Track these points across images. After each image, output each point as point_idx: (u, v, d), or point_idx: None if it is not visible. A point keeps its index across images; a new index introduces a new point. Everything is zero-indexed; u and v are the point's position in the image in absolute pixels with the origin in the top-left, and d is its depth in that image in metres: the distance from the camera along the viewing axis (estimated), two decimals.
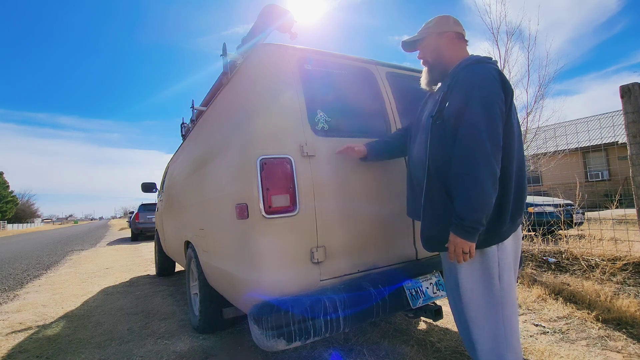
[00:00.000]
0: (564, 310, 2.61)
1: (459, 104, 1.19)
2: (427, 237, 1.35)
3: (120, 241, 13.30)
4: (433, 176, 1.30)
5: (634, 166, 2.66)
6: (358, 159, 1.75)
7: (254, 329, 1.41)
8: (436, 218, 1.29)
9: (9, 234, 29.59)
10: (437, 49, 1.41)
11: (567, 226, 4.43)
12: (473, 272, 1.29)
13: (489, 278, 1.28)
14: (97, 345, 2.55)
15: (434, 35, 1.41)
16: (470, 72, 1.23)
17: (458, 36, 1.41)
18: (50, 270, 6.40)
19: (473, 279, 1.29)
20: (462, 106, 1.18)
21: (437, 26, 1.42)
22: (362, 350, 2.13)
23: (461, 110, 1.18)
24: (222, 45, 2.26)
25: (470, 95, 1.17)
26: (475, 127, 1.14)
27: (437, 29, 1.41)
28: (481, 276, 1.29)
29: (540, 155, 7.35)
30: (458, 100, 1.20)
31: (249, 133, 1.63)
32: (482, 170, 1.12)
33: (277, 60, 1.75)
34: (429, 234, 1.33)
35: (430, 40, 1.42)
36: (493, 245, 1.27)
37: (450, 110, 1.22)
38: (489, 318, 1.29)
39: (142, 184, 5.49)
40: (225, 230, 1.89)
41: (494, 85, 1.19)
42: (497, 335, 1.29)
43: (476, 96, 1.16)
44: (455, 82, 1.25)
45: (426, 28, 1.44)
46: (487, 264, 1.28)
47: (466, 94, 1.18)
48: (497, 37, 7.13)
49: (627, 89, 2.73)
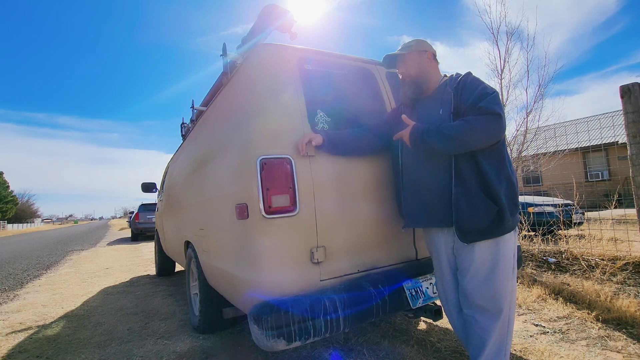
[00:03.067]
0: (564, 310, 2.61)
1: (475, 99, 1.39)
2: (470, 229, 1.40)
3: (120, 241, 13.30)
4: (464, 166, 1.40)
5: (634, 166, 2.66)
6: (357, 158, 1.75)
7: (254, 329, 1.41)
8: (475, 209, 1.37)
9: (9, 234, 29.60)
10: (419, 65, 1.61)
11: (567, 226, 4.43)
12: (509, 257, 1.45)
13: (514, 266, 1.48)
14: (97, 345, 2.55)
15: (416, 53, 1.62)
16: (475, 78, 1.48)
17: (434, 56, 1.65)
18: (50, 270, 6.40)
19: (508, 262, 1.45)
20: (480, 98, 1.38)
21: (418, 46, 1.62)
22: (362, 350, 2.13)
23: (480, 100, 1.37)
24: (222, 45, 2.26)
25: (484, 92, 1.39)
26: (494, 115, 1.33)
27: (418, 48, 1.62)
28: (511, 261, 1.46)
29: (540, 155, 7.35)
30: (475, 95, 1.39)
31: (249, 133, 1.63)
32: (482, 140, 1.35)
33: (277, 60, 1.75)
34: (473, 226, 1.39)
35: (413, 56, 1.62)
36: (513, 230, 1.46)
37: (469, 102, 1.40)
38: (509, 305, 1.46)
39: (142, 184, 5.49)
40: (225, 230, 1.89)
41: None
42: (508, 323, 1.47)
43: (489, 92, 1.39)
44: (465, 83, 1.46)
45: (408, 47, 1.63)
46: (513, 250, 1.47)
47: (481, 91, 1.40)
48: (497, 37, 7.14)
49: (627, 89, 2.73)
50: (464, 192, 1.39)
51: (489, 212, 1.36)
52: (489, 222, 1.36)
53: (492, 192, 1.36)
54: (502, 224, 1.38)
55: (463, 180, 1.40)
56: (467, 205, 1.38)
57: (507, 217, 1.37)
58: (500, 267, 1.43)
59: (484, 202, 1.36)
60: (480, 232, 1.39)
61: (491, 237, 1.41)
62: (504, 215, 1.36)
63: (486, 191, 1.37)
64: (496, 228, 1.39)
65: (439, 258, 1.62)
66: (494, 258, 1.43)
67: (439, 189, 1.47)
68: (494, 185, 1.36)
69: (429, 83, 1.61)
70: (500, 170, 1.41)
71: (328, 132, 1.69)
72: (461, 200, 1.39)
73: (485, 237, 1.40)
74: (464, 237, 1.41)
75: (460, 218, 1.39)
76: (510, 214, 1.39)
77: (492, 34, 7.18)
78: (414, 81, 1.61)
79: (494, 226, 1.38)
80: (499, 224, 1.38)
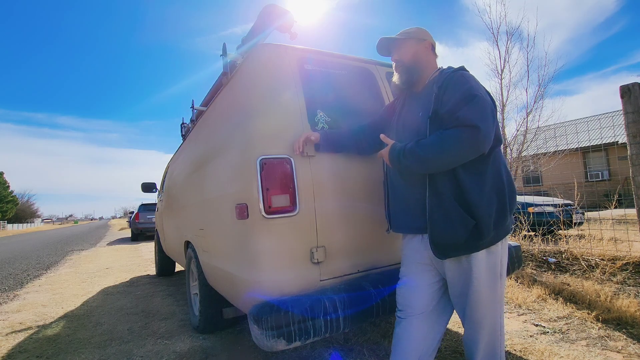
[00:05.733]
0: (564, 310, 2.61)
1: (454, 106, 1.24)
2: (444, 244, 1.29)
3: (120, 241, 13.30)
4: (440, 178, 1.29)
5: (634, 166, 2.66)
6: (357, 158, 1.75)
7: (254, 329, 1.41)
8: (450, 223, 1.25)
9: (9, 234, 29.60)
10: (415, 54, 1.48)
11: (567, 226, 4.43)
12: (486, 273, 1.32)
13: (496, 276, 1.34)
14: (97, 345, 2.55)
15: (413, 41, 1.49)
16: (462, 76, 1.31)
17: (432, 48, 1.53)
18: (50, 270, 6.40)
19: (483, 280, 1.31)
20: (460, 104, 1.23)
21: (417, 34, 1.50)
22: (362, 350, 2.13)
23: (458, 107, 1.22)
24: (222, 45, 2.26)
25: (465, 97, 1.23)
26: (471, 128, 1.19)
27: (417, 36, 1.50)
28: (489, 276, 1.32)
29: (540, 155, 7.36)
30: (455, 99, 1.25)
31: (249, 133, 1.63)
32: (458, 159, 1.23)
33: (277, 60, 1.75)
34: (446, 241, 1.27)
35: (410, 44, 1.49)
36: (501, 240, 1.33)
37: (447, 108, 1.26)
38: (491, 316, 1.35)
39: (142, 184, 5.49)
40: (225, 230, 1.89)
41: (485, 91, 1.30)
42: (495, 332, 1.37)
43: (471, 97, 1.23)
44: (449, 83, 1.30)
45: (406, 33, 1.51)
46: (493, 263, 1.32)
47: (462, 95, 1.24)
48: (497, 37, 7.15)
49: (627, 89, 2.73)
50: (438, 203, 1.28)
51: (465, 226, 1.22)
52: (464, 237, 1.23)
53: (470, 205, 1.23)
54: (480, 239, 1.24)
55: (437, 191, 1.28)
56: (441, 217, 1.26)
57: (487, 232, 1.24)
58: (478, 282, 1.31)
59: (460, 215, 1.23)
60: (455, 247, 1.27)
61: (465, 253, 1.29)
62: (482, 230, 1.23)
63: (463, 203, 1.24)
64: (473, 244, 1.26)
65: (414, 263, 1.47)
66: (467, 275, 1.31)
67: (415, 196, 1.38)
68: (473, 197, 1.23)
69: (421, 75, 1.48)
70: (482, 180, 1.26)
71: (326, 131, 1.69)
72: (435, 213, 1.28)
73: (460, 253, 1.29)
74: (438, 251, 1.29)
75: (434, 231, 1.28)
76: (493, 226, 1.26)
77: (492, 34, 7.20)
78: (406, 70, 1.49)
79: (470, 242, 1.25)
80: (477, 239, 1.24)
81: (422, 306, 1.42)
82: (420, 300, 1.43)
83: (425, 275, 1.43)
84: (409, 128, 1.45)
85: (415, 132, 1.39)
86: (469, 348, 1.42)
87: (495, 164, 1.31)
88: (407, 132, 1.46)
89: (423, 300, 1.43)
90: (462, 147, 1.20)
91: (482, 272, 1.31)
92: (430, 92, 1.37)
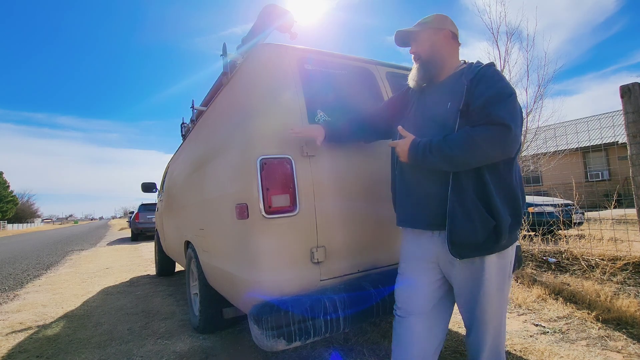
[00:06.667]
0: (564, 310, 2.61)
1: (486, 101, 1.20)
2: (461, 243, 1.25)
3: (120, 241, 13.30)
4: (464, 176, 1.25)
5: (634, 166, 2.66)
6: (357, 158, 1.75)
7: (254, 329, 1.41)
8: (472, 222, 1.21)
9: (9, 234, 29.59)
10: (433, 45, 1.39)
11: (567, 226, 4.43)
12: (496, 275, 1.31)
13: (505, 278, 1.34)
14: (97, 345, 2.55)
15: (431, 31, 1.39)
16: (497, 72, 1.27)
17: (453, 36, 1.41)
18: (50, 270, 6.40)
19: (494, 282, 1.31)
20: (493, 100, 1.19)
21: (434, 22, 1.40)
22: (362, 350, 2.13)
23: (491, 104, 1.18)
24: (222, 45, 2.26)
25: (499, 94, 1.20)
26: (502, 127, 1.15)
27: (434, 25, 1.39)
28: (499, 278, 1.32)
29: (540, 155, 7.36)
30: (488, 95, 1.20)
31: (249, 133, 1.63)
32: (488, 158, 1.18)
33: (277, 60, 1.75)
34: (464, 240, 1.23)
35: (427, 35, 1.39)
36: (512, 244, 1.32)
37: (479, 102, 1.21)
38: (498, 317, 1.35)
39: (142, 184, 5.49)
40: (225, 230, 1.89)
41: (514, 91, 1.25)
42: (499, 332, 1.37)
43: (506, 95, 1.19)
44: (482, 77, 1.25)
45: (423, 23, 1.41)
46: (504, 265, 1.33)
47: (496, 92, 1.20)
48: (497, 37, 7.14)
49: (627, 89, 2.73)
50: (460, 201, 1.24)
51: (486, 226, 1.20)
52: (484, 237, 1.21)
53: (491, 206, 1.21)
54: (498, 241, 1.23)
55: (460, 188, 1.24)
56: (463, 216, 1.22)
57: (504, 235, 1.22)
58: (489, 284, 1.29)
59: (482, 215, 1.21)
60: (473, 247, 1.24)
61: (481, 255, 1.26)
62: (500, 232, 1.21)
63: (485, 204, 1.22)
64: (490, 245, 1.24)
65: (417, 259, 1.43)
66: (478, 277, 1.29)
67: (432, 191, 1.33)
68: (495, 198, 1.21)
69: (441, 67, 1.39)
70: (506, 183, 1.25)
71: (327, 121, 1.67)
72: (456, 210, 1.23)
73: (477, 254, 1.26)
74: (455, 250, 1.25)
75: (453, 229, 1.24)
76: (509, 230, 1.24)
77: (492, 34, 7.18)
78: (423, 64, 1.40)
79: (489, 243, 1.23)
80: (495, 241, 1.23)
81: (423, 305, 1.40)
82: (421, 299, 1.41)
83: (426, 274, 1.41)
84: (434, 120, 1.36)
85: (440, 125, 1.32)
86: (474, 348, 1.40)
87: (516, 168, 1.30)
88: (430, 124, 1.37)
89: (423, 300, 1.41)
90: (491, 146, 1.16)
91: (493, 275, 1.29)
92: (456, 84, 1.31)
